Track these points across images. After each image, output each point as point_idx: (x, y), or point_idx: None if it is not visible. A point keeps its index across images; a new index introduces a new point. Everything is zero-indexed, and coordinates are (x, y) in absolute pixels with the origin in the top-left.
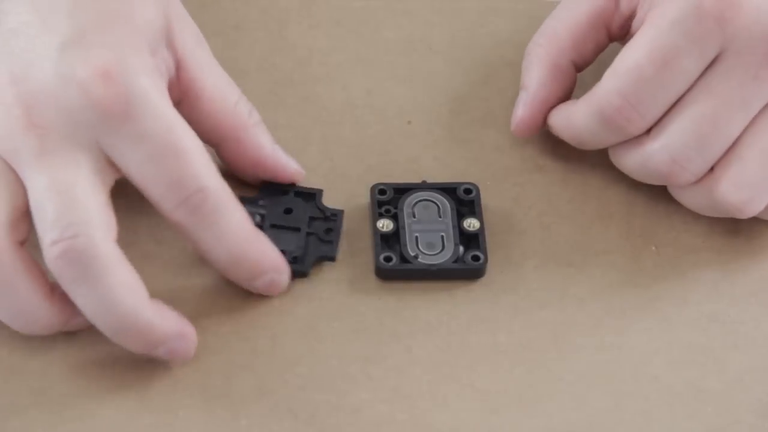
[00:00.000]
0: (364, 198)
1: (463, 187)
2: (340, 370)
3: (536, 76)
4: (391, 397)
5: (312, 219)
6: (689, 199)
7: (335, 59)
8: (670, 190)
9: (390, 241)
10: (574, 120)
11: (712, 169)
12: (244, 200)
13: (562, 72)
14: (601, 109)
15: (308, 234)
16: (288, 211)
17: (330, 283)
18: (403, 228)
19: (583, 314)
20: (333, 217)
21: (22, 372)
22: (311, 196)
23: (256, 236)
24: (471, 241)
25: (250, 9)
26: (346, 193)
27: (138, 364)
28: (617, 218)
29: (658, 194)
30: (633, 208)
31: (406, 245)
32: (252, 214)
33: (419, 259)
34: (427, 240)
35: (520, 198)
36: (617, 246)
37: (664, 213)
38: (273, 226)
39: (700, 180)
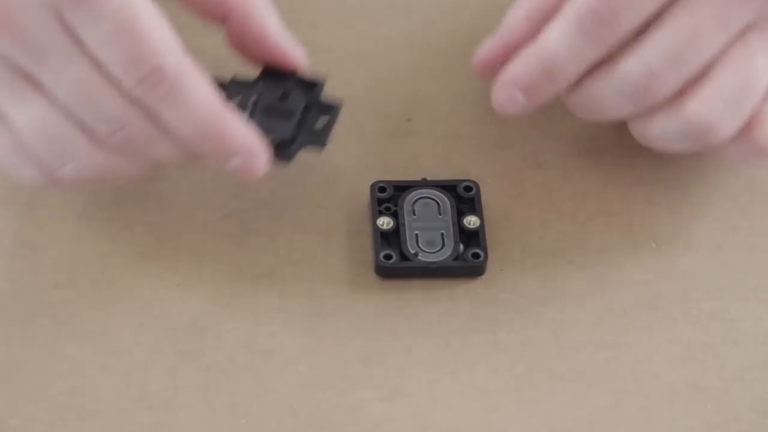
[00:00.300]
0: (363, 196)
1: (463, 185)
2: (340, 369)
3: (513, 15)
4: (391, 395)
5: (307, 108)
6: (658, 125)
7: (335, 56)
8: (634, 126)
9: (390, 238)
10: (549, 38)
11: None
12: (240, 83)
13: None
14: (580, 15)
15: (300, 121)
16: (284, 96)
17: (330, 282)
18: (403, 226)
19: (583, 312)
20: (329, 110)
21: (22, 372)
22: (311, 86)
23: (224, 115)
24: (471, 238)
25: None
26: (345, 191)
27: (138, 362)
28: (617, 216)
29: (659, 191)
30: (633, 205)
31: (406, 243)
32: (247, 97)
33: (419, 257)
34: (427, 238)
35: (520, 195)
36: (617, 243)
37: (665, 210)
38: (265, 108)
39: (670, 102)
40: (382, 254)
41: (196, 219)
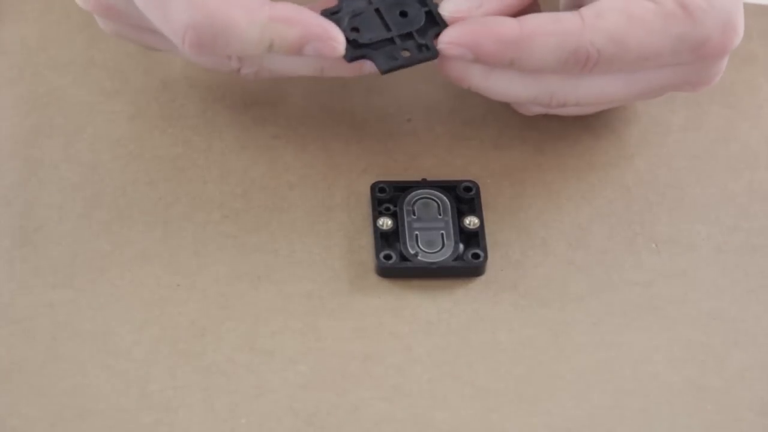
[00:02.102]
0: (363, 196)
1: (463, 185)
2: (340, 369)
3: None
4: (391, 395)
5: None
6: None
7: None
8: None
9: (390, 239)
10: (538, 45)
11: None
12: None
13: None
14: (577, 48)
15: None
16: (403, 14)
17: (330, 282)
18: (403, 226)
19: (583, 312)
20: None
21: (22, 369)
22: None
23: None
24: (471, 239)
25: None
26: (345, 191)
27: (138, 362)
28: (617, 216)
29: (659, 191)
30: (633, 205)
31: (405, 243)
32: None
33: (419, 258)
34: (426, 238)
35: (520, 196)
36: (617, 244)
37: (665, 210)
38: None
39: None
40: (382, 254)
41: (196, 219)
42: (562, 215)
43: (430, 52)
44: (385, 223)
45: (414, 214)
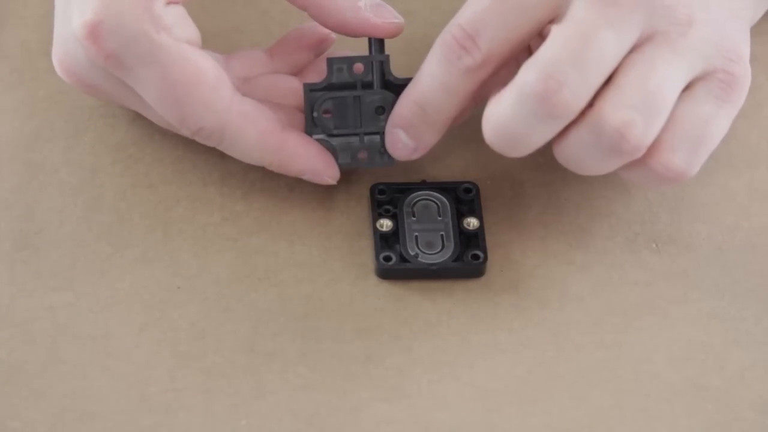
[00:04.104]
0: (363, 198)
1: (462, 187)
2: (340, 370)
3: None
4: (391, 396)
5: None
6: (575, 142)
7: None
8: (557, 150)
9: (390, 240)
10: (421, 75)
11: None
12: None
13: None
14: (441, 40)
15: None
16: (379, 109)
17: (330, 283)
18: (403, 227)
19: (583, 312)
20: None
21: (22, 372)
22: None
23: (283, 142)
24: (471, 240)
25: (251, 11)
26: (345, 193)
27: (138, 364)
28: (617, 216)
29: (659, 192)
30: (633, 205)
31: (405, 245)
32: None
33: (419, 259)
34: (426, 239)
35: (519, 197)
36: (617, 244)
37: (665, 210)
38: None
39: (580, 116)
40: (382, 256)
41: (196, 221)
42: (562, 215)
43: (386, 161)
44: (385, 224)
45: (414, 216)
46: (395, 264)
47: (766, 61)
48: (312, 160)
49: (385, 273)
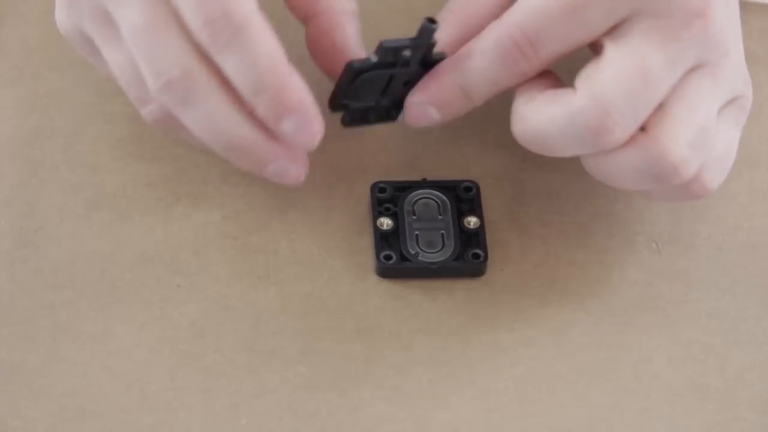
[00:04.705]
0: (364, 196)
1: (463, 185)
2: (340, 369)
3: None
4: (391, 395)
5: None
6: (617, 163)
7: None
8: (591, 162)
9: (390, 239)
10: (467, 59)
11: (642, 129)
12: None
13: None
14: (499, 37)
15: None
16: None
17: (330, 282)
18: (403, 226)
19: (584, 312)
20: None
21: (22, 370)
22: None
23: (284, 69)
24: (471, 239)
25: None
26: (345, 191)
27: (138, 363)
28: (618, 215)
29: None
30: (633, 205)
31: (406, 243)
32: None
33: (419, 258)
34: (427, 238)
35: (520, 196)
36: (618, 243)
37: (665, 210)
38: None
39: (629, 140)
40: (382, 255)
41: (196, 219)
42: (562, 215)
43: (391, 119)
44: (386, 223)
45: (414, 214)
46: (395, 263)
47: (766, 61)
48: (308, 99)
49: (386, 272)
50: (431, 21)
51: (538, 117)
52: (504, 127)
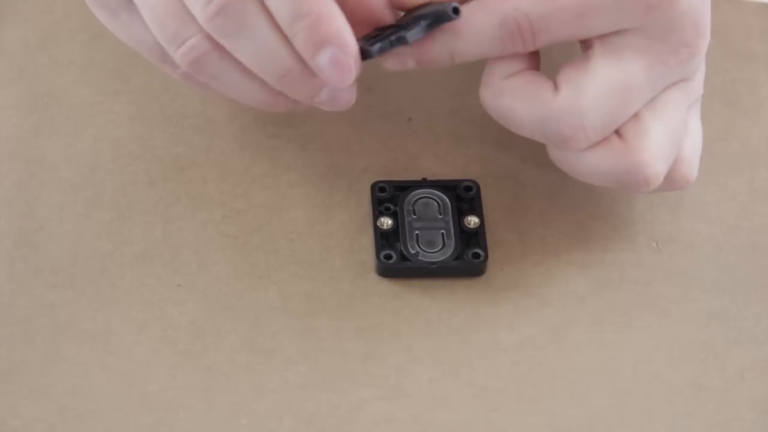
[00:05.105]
0: (364, 196)
1: (463, 185)
2: (340, 369)
3: None
4: (391, 395)
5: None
6: (587, 162)
7: None
8: (557, 155)
9: (390, 238)
10: (464, 25)
11: (616, 133)
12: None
13: None
14: (504, 17)
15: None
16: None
17: (330, 281)
18: (403, 226)
19: (584, 311)
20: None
21: (22, 370)
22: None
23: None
24: (471, 238)
25: None
26: (345, 191)
27: (138, 362)
28: (618, 215)
29: (659, 191)
30: (634, 204)
31: (406, 243)
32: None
33: (419, 257)
34: (427, 238)
35: (520, 195)
36: (618, 243)
37: (666, 209)
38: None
39: (603, 144)
40: (382, 254)
41: (196, 219)
42: (562, 214)
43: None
44: (386, 222)
45: (414, 214)
46: (395, 262)
47: (766, 60)
48: (346, 28)
49: (386, 271)
50: (456, 11)
51: (513, 102)
52: (504, 127)
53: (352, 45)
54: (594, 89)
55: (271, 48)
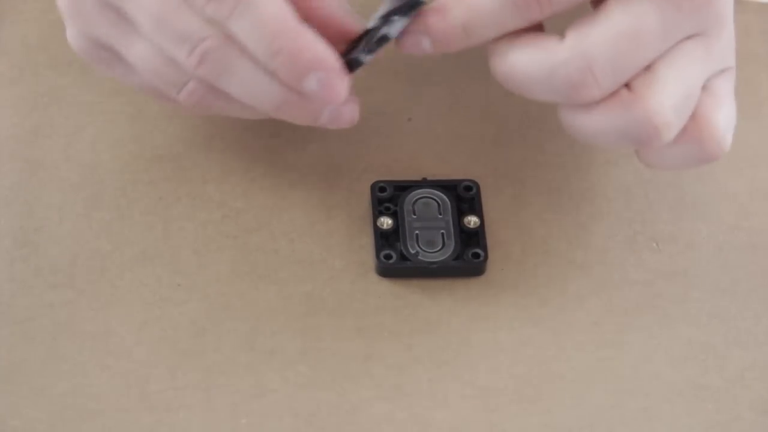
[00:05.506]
0: (363, 195)
1: (463, 185)
2: (340, 369)
3: None
4: (391, 395)
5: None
6: (597, 119)
7: None
8: (569, 116)
9: (390, 238)
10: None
11: (626, 86)
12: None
13: None
14: None
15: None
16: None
17: (330, 281)
18: (403, 225)
19: (584, 311)
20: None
21: (22, 370)
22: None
23: (296, 27)
24: (471, 238)
25: None
26: (345, 191)
27: (138, 362)
28: (617, 215)
29: (660, 191)
30: (633, 204)
31: (406, 243)
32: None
33: (419, 257)
34: (427, 237)
35: (520, 195)
36: (618, 243)
37: (665, 209)
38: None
39: (612, 97)
40: (382, 254)
41: (196, 219)
42: (562, 214)
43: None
44: (386, 222)
45: (414, 214)
46: (395, 262)
47: (766, 61)
48: (325, 51)
49: (386, 271)
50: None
51: (519, 58)
52: (504, 126)
53: (334, 63)
54: (601, 32)
55: (260, 84)
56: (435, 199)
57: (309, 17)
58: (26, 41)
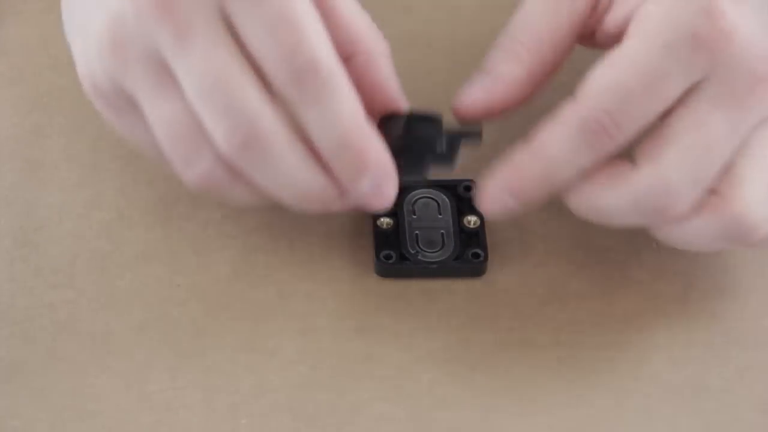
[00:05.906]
0: None
1: (463, 185)
2: (340, 369)
3: (510, 71)
4: (391, 395)
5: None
6: (689, 231)
7: None
8: (661, 232)
9: (390, 238)
10: (547, 144)
11: (713, 192)
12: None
13: (536, 80)
14: (582, 122)
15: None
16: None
17: (330, 281)
18: (403, 225)
19: (584, 312)
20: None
21: (22, 370)
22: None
23: (366, 127)
24: (471, 238)
25: None
26: None
27: (138, 362)
28: None
29: None
30: None
31: (405, 243)
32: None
33: (419, 257)
34: (427, 237)
35: None
36: (618, 243)
37: None
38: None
39: (701, 208)
40: (382, 254)
41: (196, 219)
42: (562, 214)
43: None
44: (385, 222)
45: (414, 214)
46: (395, 262)
47: None
48: (386, 158)
49: (385, 271)
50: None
51: (599, 195)
52: (504, 127)
53: (391, 170)
54: (674, 152)
55: (301, 175)
56: (435, 199)
57: (360, 80)
58: (26, 41)
